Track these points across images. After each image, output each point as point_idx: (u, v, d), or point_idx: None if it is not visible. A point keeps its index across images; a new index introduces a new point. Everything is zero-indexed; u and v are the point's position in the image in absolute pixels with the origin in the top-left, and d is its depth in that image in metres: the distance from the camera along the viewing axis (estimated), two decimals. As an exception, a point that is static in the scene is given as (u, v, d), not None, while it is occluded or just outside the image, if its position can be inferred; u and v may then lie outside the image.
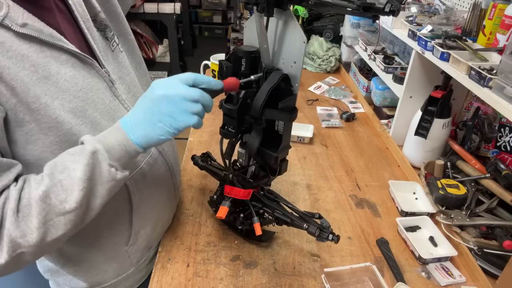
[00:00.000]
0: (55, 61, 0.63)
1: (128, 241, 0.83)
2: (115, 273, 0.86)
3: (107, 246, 0.81)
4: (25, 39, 0.59)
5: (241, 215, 0.88)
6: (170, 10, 3.47)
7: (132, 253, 0.85)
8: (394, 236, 1.01)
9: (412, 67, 1.27)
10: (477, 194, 1.04)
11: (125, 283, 0.90)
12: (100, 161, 0.59)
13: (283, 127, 0.76)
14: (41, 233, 0.57)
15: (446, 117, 1.19)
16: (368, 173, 1.27)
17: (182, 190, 1.12)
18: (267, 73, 0.73)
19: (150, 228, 0.87)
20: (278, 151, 0.78)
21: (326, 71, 2.12)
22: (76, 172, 0.58)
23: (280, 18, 0.71)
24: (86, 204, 0.60)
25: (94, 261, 0.82)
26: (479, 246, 0.91)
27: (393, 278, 0.88)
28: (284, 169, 0.86)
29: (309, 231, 0.81)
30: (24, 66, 0.58)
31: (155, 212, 0.87)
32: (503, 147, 1.14)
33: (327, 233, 0.80)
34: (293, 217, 0.85)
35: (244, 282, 0.85)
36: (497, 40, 0.99)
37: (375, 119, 1.61)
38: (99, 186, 0.60)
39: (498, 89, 0.85)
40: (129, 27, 0.85)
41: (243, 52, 0.73)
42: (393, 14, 0.58)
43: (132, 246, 0.84)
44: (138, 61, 0.88)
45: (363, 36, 1.79)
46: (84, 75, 0.67)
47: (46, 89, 0.61)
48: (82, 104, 0.66)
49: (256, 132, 0.78)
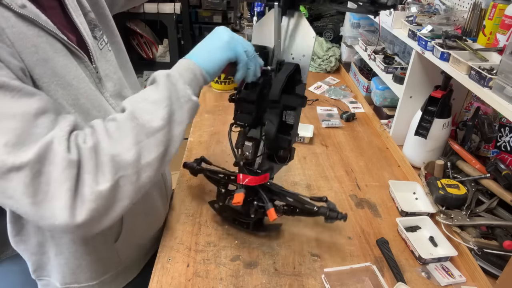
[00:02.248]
0: (50, 48, 0.63)
1: (118, 238, 0.84)
2: (102, 271, 0.87)
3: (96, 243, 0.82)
4: (24, 20, 0.59)
5: (255, 203, 0.90)
6: (170, 10, 3.47)
7: (119, 249, 0.86)
8: (394, 236, 1.01)
9: (412, 67, 1.26)
10: (477, 194, 1.04)
11: (115, 281, 0.90)
12: (175, 82, 0.64)
13: (295, 113, 0.85)
14: (136, 152, 0.58)
15: (446, 117, 1.19)
16: (368, 173, 1.27)
17: (182, 190, 1.12)
18: (280, 64, 0.82)
19: (141, 224, 0.88)
20: (291, 135, 0.85)
21: (326, 71, 2.12)
22: (155, 95, 0.62)
23: (292, 16, 0.83)
24: (170, 126, 0.62)
25: (82, 258, 0.82)
26: (479, 246, 0.91)
27: (393, 278, 0.88)
28: (292, 157, 0.90)
29: (320, 212, 0.88)
30: (27, 45, 0.59)
31: (146, 207, 0.89)
32: (503, 147, 1.14)
33: (336, 213, 0.88)
34: (304, 201, 0.90)
35: (244, 282, 0.85)
36: (497, 40, 0.99)
37: (375, 119, 1.61)
38: (179, 110, 0.63)
39: (498, 89, 0.85)
40: (116, 28, 0.87)
41: (258, 47, 0.81)
42: (394, 8, 0.71)
43: (121, 243, 0.85)
44: (124, 62, 0.89)
45: (363, 36, 1.79)
46: (76, 66, 0.68)
47: (44, 71, 0.61)
48: (75, 93, 0.67)
49: (273, 115, 0.82)
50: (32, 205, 0.52)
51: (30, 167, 0.51)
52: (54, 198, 0.53)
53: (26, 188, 0.51)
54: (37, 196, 0.52)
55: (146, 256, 0.99)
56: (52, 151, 0.53)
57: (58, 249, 0.80)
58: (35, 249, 0.82)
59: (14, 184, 0.51)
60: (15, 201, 0.52)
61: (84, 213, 0.54)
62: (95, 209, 0.55)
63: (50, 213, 0.53)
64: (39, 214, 0.53)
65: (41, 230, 0.78)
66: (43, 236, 0.79)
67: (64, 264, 0.82)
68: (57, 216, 0.53)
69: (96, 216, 0.56)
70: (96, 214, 0.56)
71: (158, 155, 0.61)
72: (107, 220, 0.58)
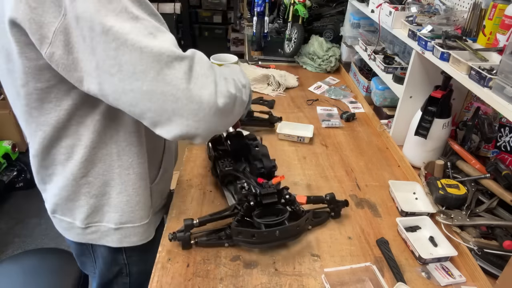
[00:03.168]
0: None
1: (155, 179, 0.95)
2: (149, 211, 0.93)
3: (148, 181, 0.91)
4: None
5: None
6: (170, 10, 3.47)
7: (153, 192, 0.94)
8: (394, 236, 1.01)
9: (412, 67, 1.27)
10: (477, 194, 1.04)
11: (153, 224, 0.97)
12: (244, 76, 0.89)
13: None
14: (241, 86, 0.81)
15: (446, 117, 1.19)
16: (368, 173, 1.27)
17: (182, 190, 1.12)
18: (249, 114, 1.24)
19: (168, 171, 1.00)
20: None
21: (326, 71, 2.12)
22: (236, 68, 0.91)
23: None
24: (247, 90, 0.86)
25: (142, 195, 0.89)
26: (479, 246, 0.91)
27: (393, 278, 0.88)
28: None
29: (327, 200, 1.02)
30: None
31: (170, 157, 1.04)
32: (503, 147, 1.14)
33: (341, 203, 1.03)
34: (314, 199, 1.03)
35: (244, 282, 0.85)
36: (497, 40, 0.99)
37: (375, 119, 1.61)
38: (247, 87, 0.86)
39: (498, 89, 0.85)
40: None
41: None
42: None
43: (156, 185, 0.95)
44: None
45: (363, 36, 1.79)
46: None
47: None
48: None
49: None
50: (187, 90, 0.66)
51: (189, 60, 0.67)
52: (203, 86, 0.68)
53: (184, 75, 0.66)
54: (191, 83, 0.67)
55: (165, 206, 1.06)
56: (198, 55, 0.71)
57: (123, 186, 0.85)
58: (98, 190, 0.85)
59: (175, 71, 0.65)
60: (172, 87, 0.65)
61: (223, 102, 0.71)
62: (228, 103, 0.73)
63: (199, 98, 0.67)
64: (190, 98, 0.66)
65: (111, 168, 0.84)
66: (111, 174, 0.84)
67: (125, 202, 0.87)
68: (205, 100, 0.68)
69: (227, 111, 0.73)
70: (227, 108, 0.73)
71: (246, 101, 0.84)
72: (228, 121, 0.78)
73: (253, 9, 2.28)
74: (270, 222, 0.88)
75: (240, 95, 0.79)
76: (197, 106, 0.67)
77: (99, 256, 0.96)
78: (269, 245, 0.91)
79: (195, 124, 0.68)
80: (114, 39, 0.61)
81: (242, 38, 4.94)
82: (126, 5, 0.62)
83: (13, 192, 2.64)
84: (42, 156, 0.81)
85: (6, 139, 2.64)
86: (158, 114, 0.67)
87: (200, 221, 0.90)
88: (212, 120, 0.70)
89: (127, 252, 0.95)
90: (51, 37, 0.62)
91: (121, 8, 0.62)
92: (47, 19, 0.61)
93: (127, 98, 0.65)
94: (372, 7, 1.59)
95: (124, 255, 0.95)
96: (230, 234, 0.90)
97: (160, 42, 0.64)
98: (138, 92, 0.64)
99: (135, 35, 0.62)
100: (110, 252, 0.94)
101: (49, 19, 0.61)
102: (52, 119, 0.74)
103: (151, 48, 0.62)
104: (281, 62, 2.21)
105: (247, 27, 2.72)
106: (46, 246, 2.22)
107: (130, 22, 0.62)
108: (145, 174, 0.88)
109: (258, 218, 0.89)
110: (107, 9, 0.60)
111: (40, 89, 0.70)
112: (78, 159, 0.80)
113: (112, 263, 0.96)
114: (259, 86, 1.86)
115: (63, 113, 0.74)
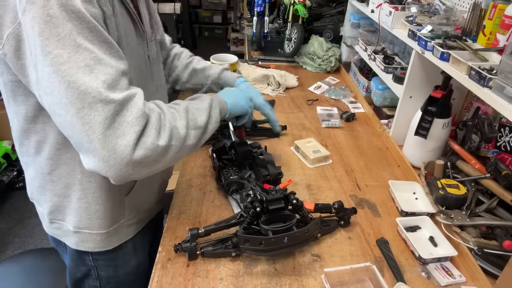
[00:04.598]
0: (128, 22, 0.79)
1: (128, 192, 0.92)
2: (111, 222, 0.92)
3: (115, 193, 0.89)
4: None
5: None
6: (170, 10, 3.47)
7: (126, 205, 0.93)
8: (394, 236, 1.01)
9: (412, 67, 1.27)
10: (477, 194, 1.04)
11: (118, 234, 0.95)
12: (215, 106, 0.88)
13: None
14: (185, 133, 0.77)
15: (446, 117, 1.19)
16: (368, 173, 1.27)
17: (182, 190, 1.12)
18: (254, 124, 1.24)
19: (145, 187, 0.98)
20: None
21: (326, 71, 2.12)
22: (203, 104, 0.86)
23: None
24: (204, 131, 0.83)
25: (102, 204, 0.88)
26: (479, 246, 0.91)
27: (393, 278, 0.88)
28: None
29: (335, 208, 1.00)
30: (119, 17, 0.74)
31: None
32: (503, 147, 1.14)
33: (349, 210, 1.02)
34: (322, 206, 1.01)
35: (244, 282, 0.85)
36: (497, 40, 0.99)
37: (375, 119, 1.61)
38: (210, 124, 0.85)
39: (498, 89, 0.85)
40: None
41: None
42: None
43: (130, 199, 0.93)
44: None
45: (363, 36, 1.79)
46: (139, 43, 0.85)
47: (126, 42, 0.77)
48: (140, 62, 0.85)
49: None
50: (102, 135, 0.64)
51: (115, 105, 0.65)
52: (122, 135, 0.66)
53: (105, 120, 0.64)
54: (109, 130, 0.65)
55: (144, 220, 1.04)
56: (133, 101, 0.68)
57: (83, 193, 0.85)
58: (61, 190, 0.86)
59: (96, 114, 0.64)
60: (89, 128, 0.64)
61: (141, 154, 0.68)
62: (149, 156, 0.69)
63: (113, 147, 0.65)
64: (103, 144, 0.65)
65: (73, 173, 0.84)
66: (73, 179, 0.84)
67: (84, 208, 0.87)
68: (118, 150, 0.65)
69: (146, 163, 0.70)
70: (147, 161, 0.69)
71: (194, 143, 0.80)
72: (149, 170, 0.73)
73: (253, 9, 2.29)
74: (277, 229, 0.85)
75: (180, 143, 0.75)
76: (108, 154, 0.65)
77: (68, 252, 0.97)
78: (277, 253, 0.87)
79: (105, 168, 0.67)
80: (50, 65, 0.62)
81: (242, 38, 4.95)
82: (72, 31, 0.62)
83: (13, 192, 2.64)
84: (19, 143, 0.84)
85: (6, 139, 2.65)
86: (77, 145, 0.68)
87: (205, 230, 0.88)
88: (124, 169, 0.67)
89: (93, 255, 0.95)
90: (4, 39, 0.65)
91: (66, 33, 0.61)
92: (6, 22, 0.64)
93: (57, 119, 0.68)
94: (372, 7, 1.59)
95: (90, 257, 0.95)
96: (236, 243, 0.87)
97: (92, 79, 0.63)
98: (64, 118, 0.65)
99: (68, 67, 0.62)
100: (77, 251, 0.94)
101: (7, 23, 0.64)
102: (23, 111, 0.77)
103: (78, 85, 0.62)
104: (281, 62, 2.22)
105: (247, 27, 2.72)
106: (46, 246, 2.21)
107: (69, 50, 0.62)
108: (108, 185, 0.85)
109: (265, 225, 0.86)
110: (51, 33, 0.61)
111: (11, 81, 0.73)
112: (45, 156, 0.82)
113: (79, 262, 0.97)
114: (259, 86, 1.86)
115: (31, 108, 0.76)
